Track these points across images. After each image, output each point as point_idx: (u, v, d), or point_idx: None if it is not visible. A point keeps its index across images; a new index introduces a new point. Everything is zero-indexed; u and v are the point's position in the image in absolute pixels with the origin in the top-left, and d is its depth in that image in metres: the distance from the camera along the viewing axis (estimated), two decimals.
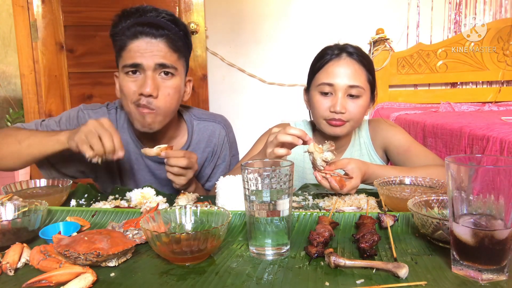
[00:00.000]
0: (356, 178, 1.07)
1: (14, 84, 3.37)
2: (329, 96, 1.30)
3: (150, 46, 1.18)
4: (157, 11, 1.23)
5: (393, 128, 1.42)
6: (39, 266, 0.68)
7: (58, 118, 1.36)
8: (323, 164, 1.02)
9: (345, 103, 1.28)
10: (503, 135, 1.48)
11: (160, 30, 1.18)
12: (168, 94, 1.22)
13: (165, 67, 1.20)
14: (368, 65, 1.34)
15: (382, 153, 1.42)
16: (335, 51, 1.32)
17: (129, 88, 1.20)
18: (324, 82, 1.30)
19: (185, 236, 0.68)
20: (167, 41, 1.20)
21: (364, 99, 1.31)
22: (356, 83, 1.28)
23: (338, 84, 1.28)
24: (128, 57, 1.19)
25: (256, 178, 0.71)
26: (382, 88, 2.92)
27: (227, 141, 1.47)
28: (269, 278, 0.65)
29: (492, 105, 2.57)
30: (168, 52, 1.20)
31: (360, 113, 1.32)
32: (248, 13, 2.99)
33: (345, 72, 1.28)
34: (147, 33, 1.18)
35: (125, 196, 1.16)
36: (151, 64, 1.18)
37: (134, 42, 1.18)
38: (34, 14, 2.58)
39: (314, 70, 1.35)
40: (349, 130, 1.33)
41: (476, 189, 0.61)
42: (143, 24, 1.18)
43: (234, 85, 3.05)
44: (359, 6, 2.94)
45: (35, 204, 0.89)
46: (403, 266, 0.63)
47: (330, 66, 1.30)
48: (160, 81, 1.21)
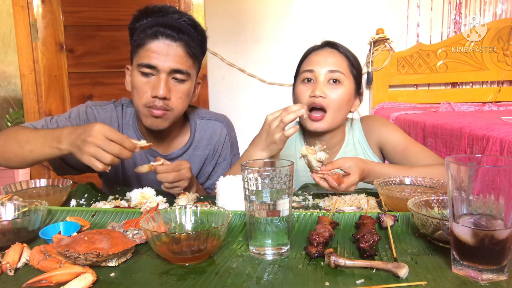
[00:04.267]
0: (354, 175, 1.07)
1: (14, 84, 3.37)
2: (311, 83, 1.31)
3: (168, 49, 1.19)
4: (180, 13, 1.25)
5: (388, 126, 1.40)
6: (39, 266, 0.68)
7: (68, 114, 1.36)
8: (318, 165, 1.03)
9: (325, 88, 1.28)
10: (503, 135, 1.48)
11: (181, 34, 1.20)
12: (180, 98, 1.24)
13: (180, 72, 1.21)
14: (352, 59, 1.35)
15: (378, 151, 1.41)
16: (318, 45, 1.38)
17: (143, 89, 1.22)
18: (305, 70, 1.32)
19: (185, 236, 0.68)
20: (185, 46, 1.21)
21: (345, 87, 1.30)
22: (335, 68, 1.29)
23: (318, 69, 1.30)
24: (145, 56, 1.20)
25: (256, 178, 0.71)
26: (382, 88, 2.92)
27: (228, 140, 1.48)
28: (269, 278, 0.65)
29: (492, 105, 2.57)
30: (184, 57, 1.22)
31: (341, 102, 1.30)
32: (248, 13, 2.99)
33: (326, 60, 1.31)
34: (167, 35, 1.19)
35: (125, 196, 1.17)
36: (167, 68, 1.19)
37: (153, 42, 1.19)
38: (34, 14, 2.58)
39: (299, 64, 1.39)
40: (330, 124, 1.31)
41: (476, 189, 0.61)
42: (165, 25, 1.19)
43: (234, 85, 3.05)
44: (359, 6, 2.94)
45: (35, 204, 0.89)
46: (403, 266, 0.63)
47: (312, 55, 1.35)
48: (173, 85, 1.22)
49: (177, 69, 1.21)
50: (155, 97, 1.20)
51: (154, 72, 1.20)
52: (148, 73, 1.21)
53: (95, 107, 1.37)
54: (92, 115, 1.36)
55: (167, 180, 1.12)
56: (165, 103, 1.22)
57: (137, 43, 1.22)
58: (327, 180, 1.04)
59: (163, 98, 1.20)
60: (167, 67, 1.19)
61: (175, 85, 1.23)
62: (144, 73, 1.21)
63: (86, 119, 1.35)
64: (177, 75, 1.22)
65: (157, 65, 1.19)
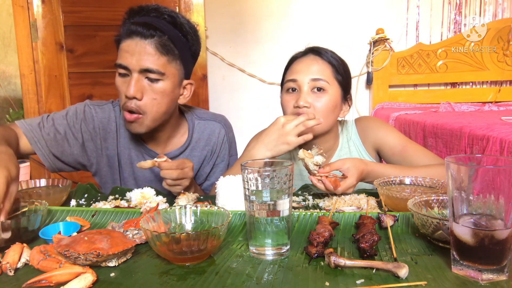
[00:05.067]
0: (351, 177, 1.07)
1: (14, 84, 3.37)
2: (295, 93, 1.29)
3: (139, 47, 1.17)
4: (159, 11, 1.22)
5: (383, 127, 1.37)
6: (39, 266, 0.68)
7: (65, 111, 1.35)
8: (316, 168, 1.04)
9: (309, 97, 1.25)
10: (503, 135, 1.48)
11: (151, 30, 1.16)
12: (154, 99, 1.20)
13: (150, 72, 1.18)
14: (337, 65, 1.30)
15: (374, 152, 1.38)
16: (302, 51, 1.35)
17: (120, 89, 1.21)
18: (288, 79, 1.30)
19: (185, 236, 0.68)
20: (156, 44, 1.17)
21: (330, 94, 1.27)
22: (318, 76, 1.26)
23: (300, 79, 1.27)
24: (120, 56, 1.20)
25: (256, 178, 0.71)
26: (382, 88, 2.92)
27: (226, 141, 1.47)
28: (269, 278, 0.65)
29: (492, 105, 2.57)
30: (155, 55, 1.17)
31: (327, 110, 1.26)
32: (248, 13, 2.99)
33: (308, 68, 1.28)
34: (138, 33, 1.17)
35: (125, 196, 1.17)
36: (136, 68, 1.17)
37: (126, 41, 1.18)
38: (34, 14, 2.58)
39: (284, 73, 1.36)
40: (319, 130, 1.27)
41: (476, 189, 0.61)
42: (138, 24, 1.17)
43: (234, 85, 3.05)
44: (359, 6, 2.94)
45: (35, 204, 0.89)
46: (403, 266, 0.63)
47: (295, 64, 1.32)
48: (146, 85, 1.20)
49: (147, 68, 1.17)
50: (127, 97, 1.18)
51: (128, 72, 1.19)
52: (123, 74, 1.20)
53: (93, 106, 1.37)
54: (90, 114, 1.35)
55: (171, 177, 1.11)
56: (137, 105, 1.19)
57: (117, 44, 1.23)
58: (324, 183, 1.04)
59: (132, 98, 1.18)
60: (137, 66, 1.17)
61: (148, 85, 1.19)
62: (121, 74, 1.20)
63: (83, 118, 1.34)
64: (149, 75, 1.18)
65: (127, 64, 1.17)
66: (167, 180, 1.12)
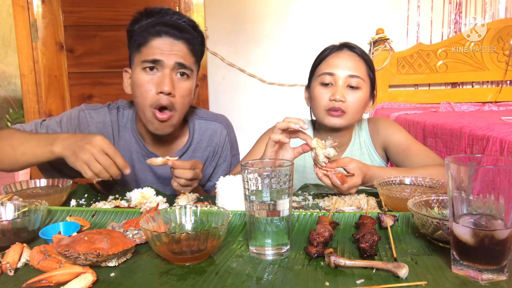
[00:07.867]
0: (357, 177, 1.07)
1: (14, 84, 3.37)
2: (330, 86, 1.31)
3: (172, 46, 1.20)
4: (180, 15, 1.27)
5: (392, 126, 1.41)
6: (39, 266, 0.68)
7: (59, 118, 1.35)
8: (325, 160, 1.01)
9: (345, 92, 1.28)
10: (503, 135, 1.48)
11: (183, 33, 1.22)
12: (182, 96, 1.24)
13: (184, 67, 1.22)
14: (369, 62, 1.35)
15: (382, 152, 1.41)
16: (337, 46, 1.36)
17: (147, 87, 1.20)
18: (325, 72, 1.31)
19: (185, 236, 0.68)
20: (187, 44, 1.23)
21: (363, 91, 1.31)
22: (356, 73, 1.29)
23: (338, 73, 1.29)
24: (150, 53, 1.20)
25: (256, 178, 0.71)
26: (382, 88, 2.92)
27: (228, 141, 1.47)
28: (269, 278, 0.65)
29: (492, 105, 2.57)
30: (187, 53, 1.23)
31: (359, 106, 1.31)
32: (248, 13, 2.99)
33: (346, 63, 1.30)
34: (170, 33, 1.20)
35: (125, 196, 1.17)
36: (171, 63, 1.19)
37: (157, 40, 1.20)
38: (34, 14, 2.58)
39: (316, 64, 1.38)
40: (348, 122, 1.32)
41: (476, 189, 0.61)
42: (168, 25, 1.21)
43: (234, 85, 3.05)
44: (359, 6, 2.94)
45: (35, 204, 0.89)
46: (403, 266, 0.63)
47: (331, 58, 1.33)
48: (177, 81, 1.22)
49: (182, 63, 1.21)
50: (160, 93, 1.19)
51: (159, 67, 1.20)
52: (152, 69, 1.20)
53: (88, 111, 1.36)
54: (85, 120, 1.33)
55: (185, 177, 1.11)
56: (170, 100, 1.20)
57: (138, 42, 1.22)
58: (331, 178, 1.03)
59: (168, 94, 1.19)
60: (172, 61, 1.19)
61: (179, 81, 1.22)
62: (149, 68, 1.20)
63: (78, 124, 1.33)
64: (182, 70, 1.22)
65: (162, 59, 1.19)
66: (180, 180, 1.12)
